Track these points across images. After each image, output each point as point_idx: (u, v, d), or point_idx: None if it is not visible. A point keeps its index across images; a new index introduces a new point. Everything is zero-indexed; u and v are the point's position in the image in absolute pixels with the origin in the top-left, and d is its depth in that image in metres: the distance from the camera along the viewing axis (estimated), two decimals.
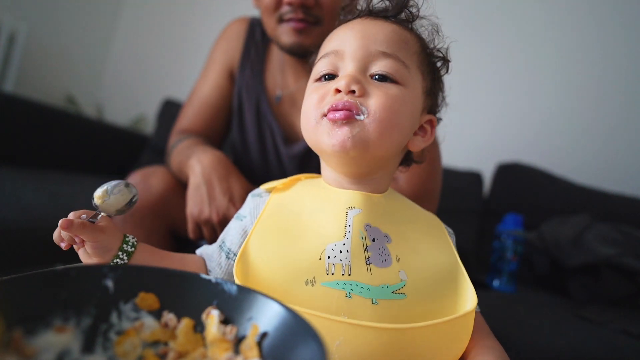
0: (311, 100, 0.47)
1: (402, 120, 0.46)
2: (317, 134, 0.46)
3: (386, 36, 0.47)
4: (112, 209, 0.45)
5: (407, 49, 0.48)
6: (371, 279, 0.41)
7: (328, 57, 0.48)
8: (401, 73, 0.46)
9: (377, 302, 0.40)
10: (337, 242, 0.43)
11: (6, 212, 0.90)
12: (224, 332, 0.33)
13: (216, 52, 0.98)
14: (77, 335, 0.32)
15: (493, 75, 1.92)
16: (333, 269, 0.41)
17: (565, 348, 0.84)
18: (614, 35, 1.76)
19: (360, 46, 0.46)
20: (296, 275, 0.41)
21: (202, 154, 0.76)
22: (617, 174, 1.71)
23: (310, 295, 0.40)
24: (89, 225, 0.42)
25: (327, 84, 0.47)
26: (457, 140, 1.89)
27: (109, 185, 0.46)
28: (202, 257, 0.53)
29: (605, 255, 1.22)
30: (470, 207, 1.64)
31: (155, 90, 2.37)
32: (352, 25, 0.49)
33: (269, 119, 0.91)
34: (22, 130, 1.48)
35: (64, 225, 0.41)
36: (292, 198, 0.50)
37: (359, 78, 0.45)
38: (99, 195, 0.45)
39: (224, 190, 0.71)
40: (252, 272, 0.43)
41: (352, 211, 0.45)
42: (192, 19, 2.52)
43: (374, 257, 0.43)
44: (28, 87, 2.15)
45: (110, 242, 0.44)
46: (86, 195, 1.38)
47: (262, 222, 0.47)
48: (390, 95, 0.45)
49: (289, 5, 0.75)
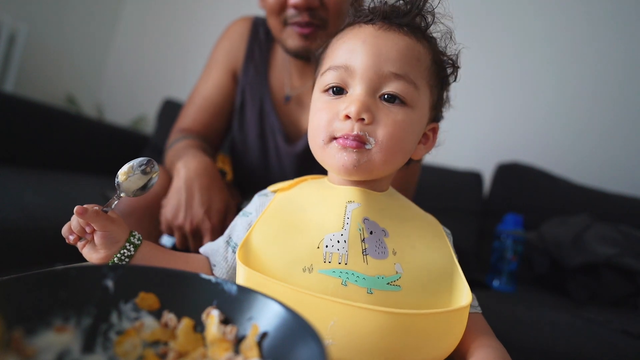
0: (321, 118, 0.48)
1: (407, 144, 0.48)
2: (325, 155, 0.48)
3: (399, 53, 0.47)
4: (134, 187, 0.47)
5: (418, 66, 0.48)
6: (367, 269, 0.43)
7: (337, 71, 0.48)
8: (411, 95, 0.47)
9: (372, 292, 0.42)
10: (335, 233, 0.44)
11: (6, 212, 0.90)
12: (224, 332, 0.33)
13: (219, 52, 0.97)
14: (77, 335, 0.32)
15: (493, 75, 1.92)
16: (330, 258, 0.43)
17: (565, 348, 0.84)
18: (614, 34, 1.76)
19: (372, 65, 0.46)
20: (295, 262, 0.43)
21: (191, 158, 0.76)
22: (617, 174, 1.71)
23: (308, 282, 0.42)
24: (102, 213, 0.44)
25: (336, 103, 0.47)
26: (457, 140, 1.89)
27: (134, 162, 0.47)
28: (206, 256, 0.54)
29: (605, 255, 1.22)
30: (470, 207, 1.64)
31: (156, 90, 2.37)
32: (364, 37, 0.48)
33: (271, 117, 0.91)
34: (22, 130, 1.48)
35: (79, 212, 0.42)
36: (296, 195, 0.52)
37: (369, 104, 0.45)
38: (124, 171, 0.46)
39: (202, 201, 0.71)
40: (253, 257, 0.44)
41: (352, 205, 0.47)
42: (192, 19, 2.52)
43: (371, 249, 0.44)
44: (28, 87, 2.15)
45: (119, 234, 0.46)
46: (86, 195, 1.38)
47: (266, 215, 0.49)
48: (397, 123, 0.46)
49: (294, 8, 0.75)
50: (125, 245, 0.46)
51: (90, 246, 0.45)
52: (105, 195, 1.29)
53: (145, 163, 0.47)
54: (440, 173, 1.67)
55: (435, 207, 1.06)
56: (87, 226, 0.44)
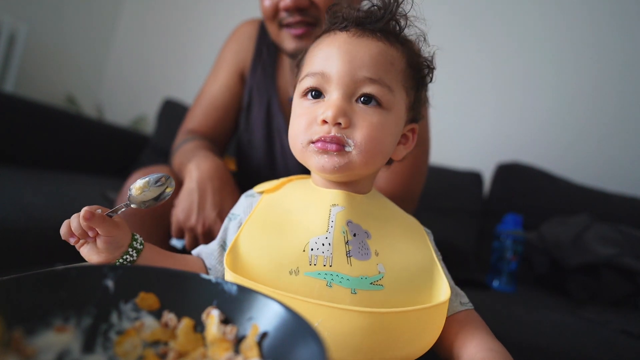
0: (299, 123, 0.49)
1: (385, 145, 0.49)
2: (305, 156, 0.49)
3: (372, 59, 0.48)
4: (145, 199, 0.46)
5: (392, 70, 0.49)
6: (351, 270, 0.44)
7: (314, 77, 0.49)
8: (386, 98, 0.48)
9: (356, 292, 0.43)
10: (320, 236, 0.46)
11: (6, 212, 0.90)
12: (224, 332, 0.33)
13: (226, 53, 0.97)
14: (77, 335, 0.32)
15: (493, 76, 1.92)
16: (315, 260, 0.44)
17: (565, 348, 0.84)
18: (614, 35, 1.76)
19: (347, 71, 0.47)
20: (281, 266, 0.44)
21: (202, 160, 0.76)
22: (617, 174, 1.71)
23: (294, 284, 0.43)
24: (108, 219, 0.43)
25: (315, 108, 0.48)
26: (457, 140, 1.89)
27: (150, 178, 0.46)
28: (200, 256, 0.55)
29: (605, 255, 1.22)
30: (470, 207, 1.64)
31: (156, 90, 2.37)
32: (338, 44, 0.49)
33: (278, 119, 0.91)
34: (22, 130, 1.48)
35: (86, 216, 0.41)
36: (282, 197, 0.53)
37: (345, 108, 0.46)
38: (139, 186, 0.46)
39: (215, 202, 0.71)
40: (240, 262, 0.46)
41: (336, 208, 0.48)
42: (192, 19, 2.52)
43: (354, 251, 0.46)
44: (28, 87, 2.15)
45: (123, 239, 0.45)
46: (86, 195, 1.38)
47: (252, 218, 0.50)
48: (374, 125, 0.47)
49: (285, 10, 0.76)
50: (128, 251, 0.46)
51: (91, 247, 0.45)
52: (105, 195, 1.28)
53: (161, 179, 0.46)
54: (440, 173, 1.66)
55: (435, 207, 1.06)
56: (91, 230, 0.43)
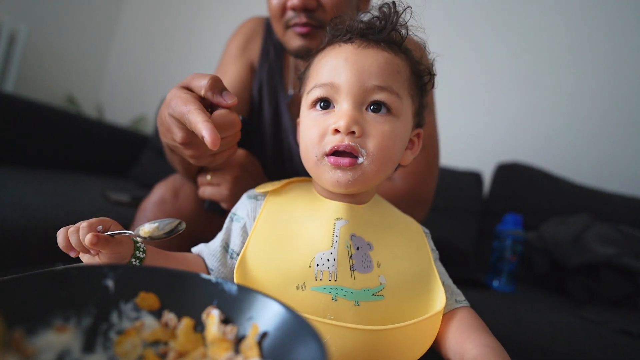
0: (311, 135, 0.49)
1: (395, 153, 0.50)
2: (319, 171, 0.49)
3: (380, 68, 0.49)
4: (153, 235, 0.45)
5: (399, 78, 0.50)
6: (354, 284, 0.46)
7: (323, 88, 0.49)
8: (395, 105, 0.49)
9: (359, 304, 0.45)
10: (325, 252, 0.47)
11: (6, 212, 0.90)
12: (224, 332, 0.33)
13: (233, 47, 0.96)
14: (77, 335, 0.32)
15: (493, 76, 1.92)
16: (321, 276, 0.46)
17: (565, 348, 0.84)
18: (614, 34, 1.76)
19: (356, 81, 0.48)
20: (289, 281, 0.46)
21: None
22: (617, 174, 1.71)
23: (301, 298, 0.45)
24: (111, 239, 0.43)
25: (325, 119, 0.48)
26: (457, 140, 1.89)
27: (160, 223, 0.45)
28: (199, 255, 0.55)
29: (605, 255, 1.22)
30: (470, 207, 1.64)
31: (155, 90, 2.37)
32: (346, 55, 0.49)
33: (285, 118, 0.91)
34: (22, 130, 1.48)
35: (93, 242, 0.41)
36: (286, 205, 0.53)
37: (357, 117, 0.47)
38: (148, 230, 0.45)
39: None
40: (250, 276, 0.47)
41: (340, 222, 0.49)
42: (192, 19, 2.52)
43: (358, 264, 0.47)
44: (28, 87, 2.15)
45: (126, 252, 0.46)
46: (86, 195, 1.37)
47: (258, 228, 0.51)
48: (385, 134, 0.48)
49: (292, 9, 0.76)
50: (131, 261, 0.46)
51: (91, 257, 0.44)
52: (105, 195, 1.28)
53: (170, 224, 0.45)
54: (440, 173, 1.66)
55: (435, 207, 1.06)
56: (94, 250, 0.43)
